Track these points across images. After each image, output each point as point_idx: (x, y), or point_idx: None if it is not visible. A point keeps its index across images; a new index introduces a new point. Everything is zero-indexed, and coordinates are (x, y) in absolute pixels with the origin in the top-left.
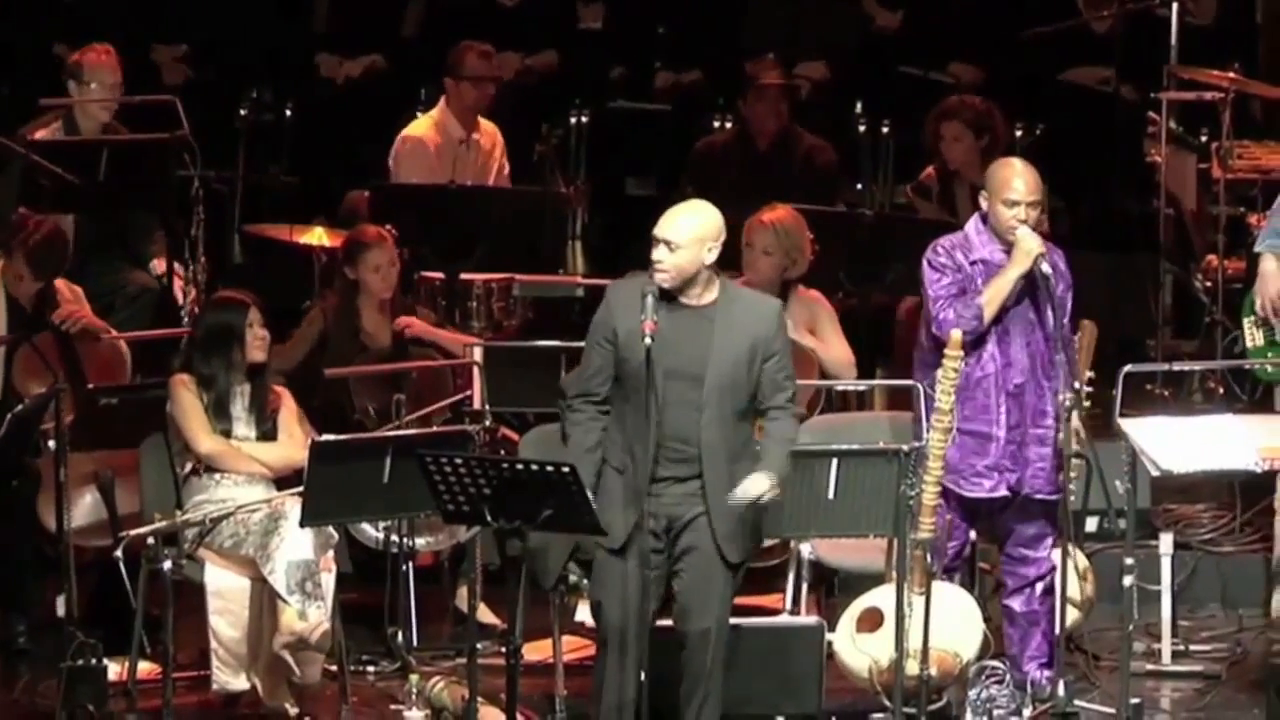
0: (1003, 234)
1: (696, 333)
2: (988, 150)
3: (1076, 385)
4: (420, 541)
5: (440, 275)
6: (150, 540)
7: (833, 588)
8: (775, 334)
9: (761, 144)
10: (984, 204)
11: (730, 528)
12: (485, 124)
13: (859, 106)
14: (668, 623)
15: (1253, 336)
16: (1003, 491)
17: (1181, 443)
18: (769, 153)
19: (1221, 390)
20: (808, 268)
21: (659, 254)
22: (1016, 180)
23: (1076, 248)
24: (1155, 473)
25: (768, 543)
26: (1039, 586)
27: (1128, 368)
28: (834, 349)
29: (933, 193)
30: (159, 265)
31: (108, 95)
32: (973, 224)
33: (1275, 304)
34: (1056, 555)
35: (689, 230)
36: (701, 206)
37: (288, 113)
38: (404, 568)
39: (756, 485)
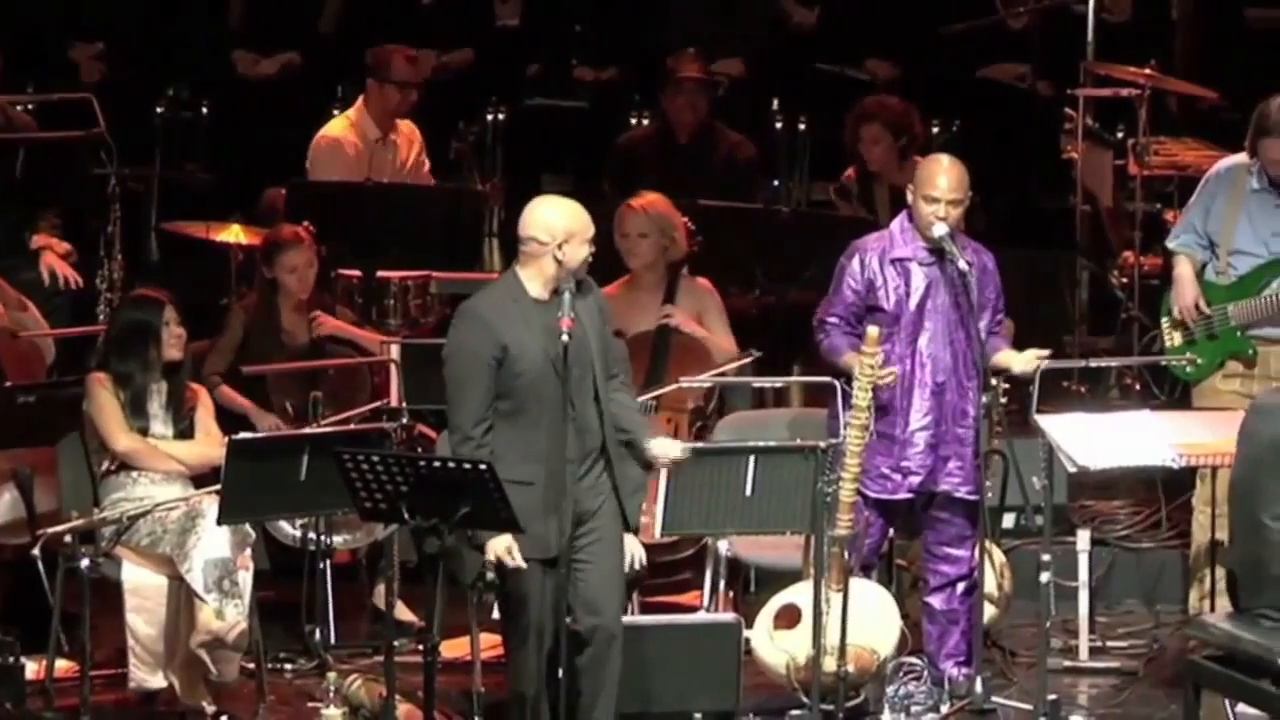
0: (923, 229)
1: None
2: (905, 151)
3: (994, 382)
4: (338, 539)
5: (357, 273)
6: (68, 538)
7: (750, 585)
8: (604, 298)
9: (681, 137)
10: (910, 197)
11: (632, 491)
12: (403, 123)
13: (776, 103)
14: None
15: (1170, 338)
16: (904, 494)
17: (1098, 439)
18: (689, 146)
19: (1138, 386)
20: (688, 253)
21: (587, 250)
22: (940, 177)
23: (993, 244)
24: (1072, 469)
25: (676, 537)
26: (960, 585)
27: (1045, 364)
28: (720, 339)
29: (853, 194)
30: (39, 240)
31: None
32: (898, 221)
33: (1191, 312)
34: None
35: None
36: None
37: (204, 110)
38: (321, 565)
39: (673, 446)
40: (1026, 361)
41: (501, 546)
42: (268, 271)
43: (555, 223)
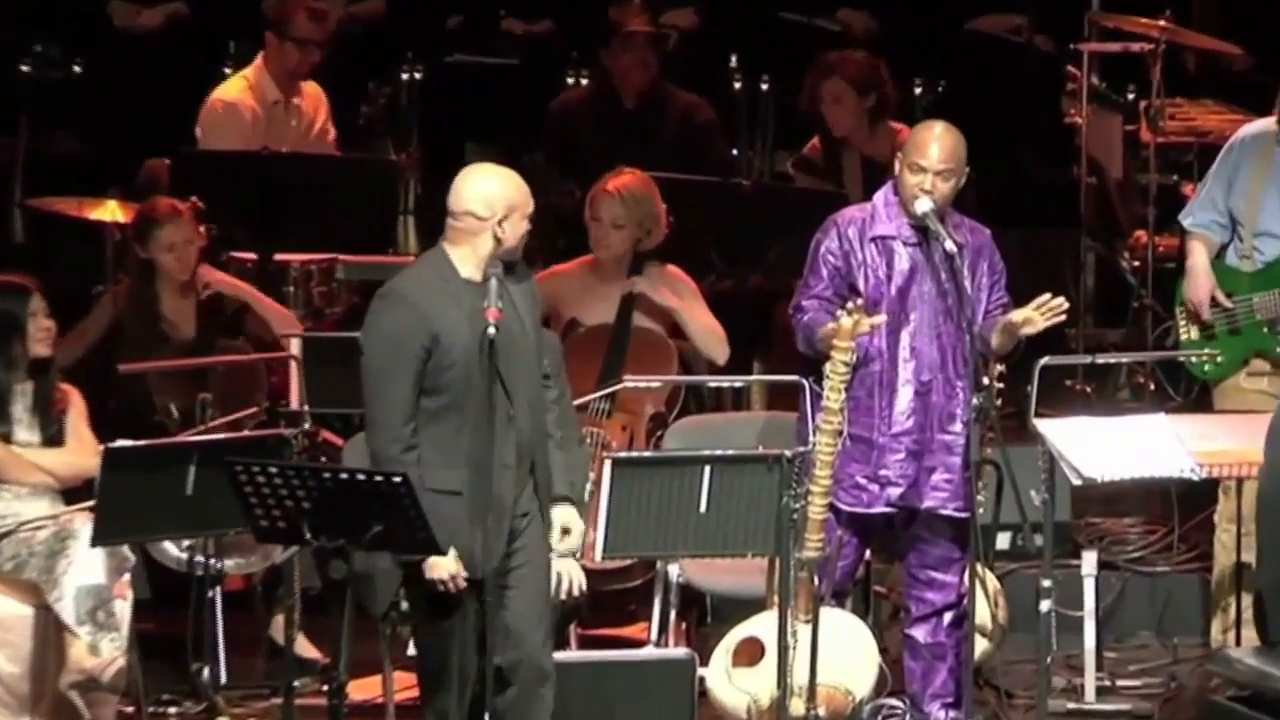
0: (907, 203)
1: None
2: (875, 112)
3: (986, 381)
4: (229, 563)
5: (252, 256)
6: None
7: (705, 615)
8: (535, 284)
9: (628, 101)
10: (897, 167)
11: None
12: (307, 85)
13: (734, 60)
14: None
15: (1187, 331)
16: (881, 508)
17: (1106, 447)
18: (636, 112)
19: (1152, 386)
20: (663, 240)
21: (526, 226)
22: (931, 145)
23: (984, 223)
24: (1076, 481)
25: (625, 561)
26: (947, 615)
27: (1044, 360)
28: (702, 317)
29: (818, 167)
30: None
31: None
32: (882, 194)
33: (1205, 308)
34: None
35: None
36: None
37: (77, 69)
38: (210, 593)
39: (576, 532)
40: (1026, 315)
41: (452, 564)
42: (142, 251)
43: (495, 195)
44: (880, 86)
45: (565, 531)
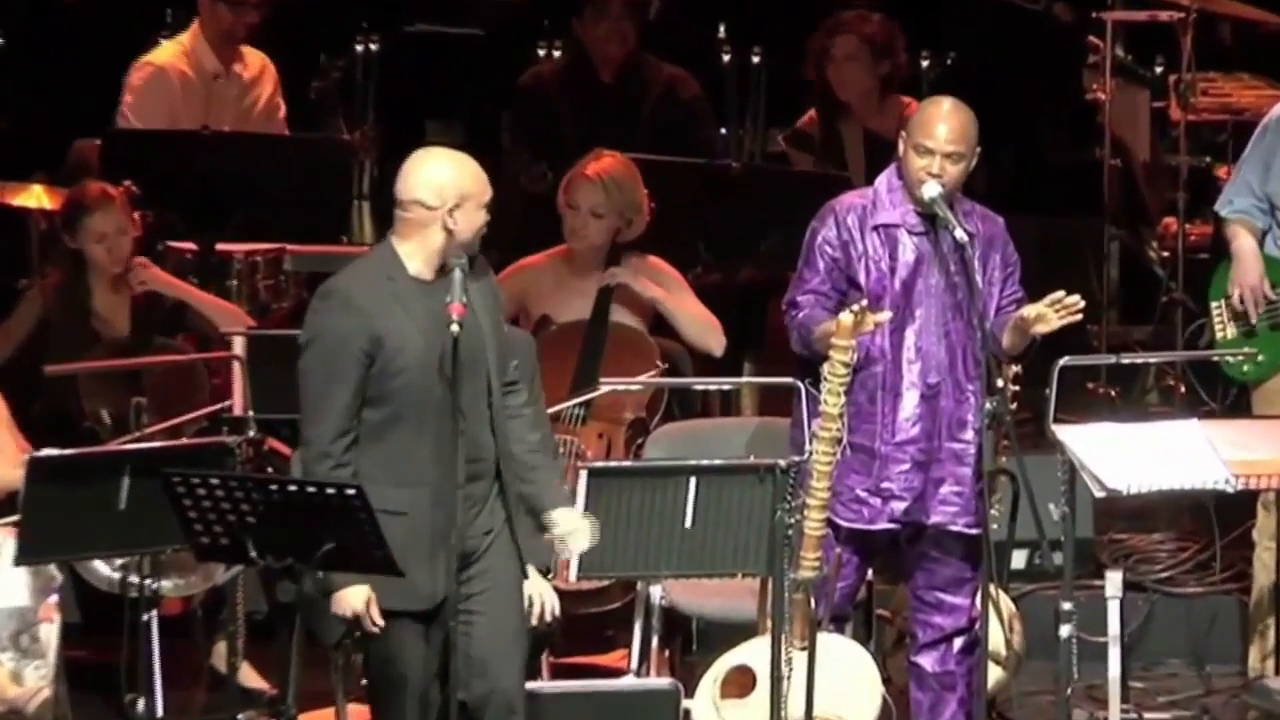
0: (912, 187)
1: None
2: (886, 82)
3: (999, 384)
4: (167, 584)
5: (192, 246)
6: None
7: (690, 641)
8: (496, 283)
9: (604, 75)
10: (901, 147)
11: (534, 527)
12: (250, 52)
13: (722, 29)
14: None
15: (1224, 327)
16: (884, 524)
17: (1132, 456)
18: (614, 86)
19: (1183, 389)
20: (644, 229)
21: (482, 217)
22: (939, 124)
23: (998, 209)
24: (1100, 493)
25: (602, 582)
26: (957, 641)
27: (1064, 361)
28: (691, 306)
29: (814, 142)
30: None
31: None
32: (885, 178)
33: (1255, 295)
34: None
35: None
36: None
37: None
38: (146, 617)
39: (584, 531)
40: (1039, 311)
41: (358, 600)
42: (70, 241)
43: (445, 183)
44: (894, 55)
45: (565, 536)
